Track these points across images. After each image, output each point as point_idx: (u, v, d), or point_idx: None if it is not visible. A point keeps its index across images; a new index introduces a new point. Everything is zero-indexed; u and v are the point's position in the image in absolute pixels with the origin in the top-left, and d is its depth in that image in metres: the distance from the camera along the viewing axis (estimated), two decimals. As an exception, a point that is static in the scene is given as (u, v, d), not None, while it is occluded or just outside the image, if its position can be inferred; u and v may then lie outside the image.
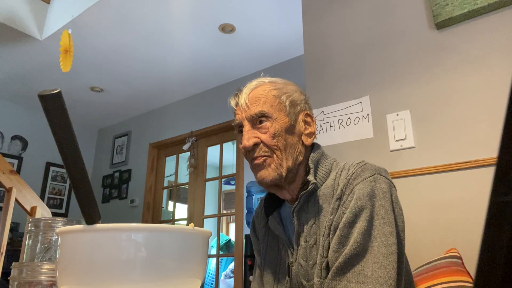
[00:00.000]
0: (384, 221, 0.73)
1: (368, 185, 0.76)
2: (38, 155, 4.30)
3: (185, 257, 0.51)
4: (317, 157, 0.86)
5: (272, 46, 3.12)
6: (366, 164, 0.80)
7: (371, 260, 0.70)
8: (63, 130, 0.47)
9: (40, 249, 0.77)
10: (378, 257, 0.70)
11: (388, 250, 0.70)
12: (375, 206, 0.74)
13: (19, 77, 3.66)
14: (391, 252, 0.70)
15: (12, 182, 2.06)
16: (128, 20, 2.78)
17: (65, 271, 0.49)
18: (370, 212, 0.73)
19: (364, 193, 0.75)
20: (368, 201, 0.74)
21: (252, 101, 0.84)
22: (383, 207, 0.74)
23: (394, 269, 0.70)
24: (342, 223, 0.75)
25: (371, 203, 0.74)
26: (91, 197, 0.50)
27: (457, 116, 1.26)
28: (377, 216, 0.73)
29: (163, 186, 4.14)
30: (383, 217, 0.73)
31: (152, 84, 3.75)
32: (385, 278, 0.68)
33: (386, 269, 0.69)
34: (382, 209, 0.74)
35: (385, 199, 0.75)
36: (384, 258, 0.70)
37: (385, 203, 0.74)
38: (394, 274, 0.69)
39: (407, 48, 1.43)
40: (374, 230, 0.72)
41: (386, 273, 0.68)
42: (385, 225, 0.72)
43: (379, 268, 0.69)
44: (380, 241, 0.71)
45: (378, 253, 0.70)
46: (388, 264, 0.69)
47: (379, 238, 0.71)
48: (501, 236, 0.17)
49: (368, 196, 0.74)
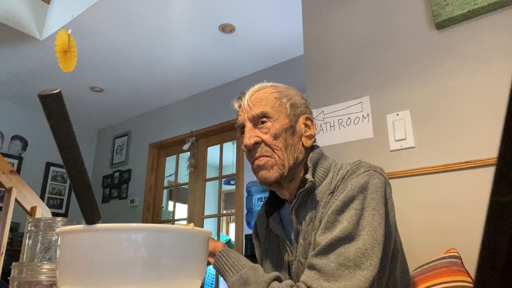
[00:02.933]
0: (374, 212, 0.74)
1: (361, 179, 0.77)
2: (38, 155, 4.30)
3: (185, 257, 0.51)
4: (316, 157, 0.88)
5: (272, 46, 3.11)
6: (362, 162, 0.83)
7: (355, 246, 0.70)
8: (63, 130, 0.47)
9: (40, 249, 0.77)
10: (363, 244, 0.70)
11: (374, 240, 0.71)
12: (366, 198, 0.75)
13: (19, 77, 3.66)
14: (377, 241, 0.71)
15: (12, 182, 2.06)
16: (128, 20, 2.78)
17: (65, 271, 0.49)
18: (361, 203, 0.75)
19: (356, 185, 0.76)
20: (360, 193, 0.76)
21: (254, 102, 0.88)
22: (375, 200, 0.75)
23: (378, 258, 0.70)
24: (330, 210, 0.76)
25: (362, 195, 0.75)
26: (91, 197, 0.50)
27: (457, 116, 1.26)
28: (368, 208, 0.74)
29: (163, 186, 4.14)
30: (373, 208, 0.74)
31: (152, 84, 3.75)
32: (367, 265, 0.68)
33: (370, 256, 0.69)
34: (373, 201, 0.75)
35: (378, 193, 0.76)
36: (370, 246, 0.70)
37: (377, 196, 0.76)
38: (378, 264, 0.69)
39: (407, 48, 1.43)
40: (363, 220, 0.73)
41: (369, 261, 0.69)
42: (375, 217, 0.74)
43: (363, 255, 0.69)
44: (368, 231, 0.72)
45: (364, 241, 0.71)
46: (372, 252, 0.70)
47: (367, 228, 0.72)
48: (501, 236, 0.17)
49: (361, 188, 0.76)
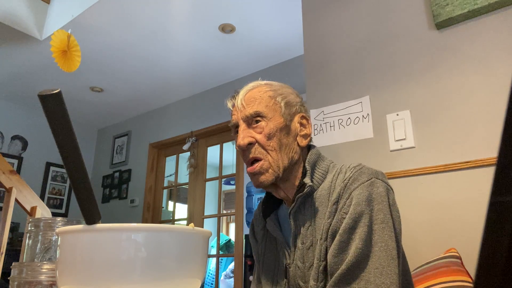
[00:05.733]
0: (383, 225, 0.74)
1: (365, 189, 0.76)
2: (38, 155, 4.30)
3: (185, 257, 0.51)
4: (313, 159, 0.87)
5: (272, 46, 3.11)
6: (363, 168, 0.81)
7: (372, 266, 0.71)
8: (63, 130, 0.47)
9: (40, 249, 0.77)
10: (380, 263, 0.71)
11: (388, 255, 0.72)
12: (373, 211, 0.75)
13: (19, 77, 3.66)
14: (392, 257, 0.72)
15: (12, 182, 2.06)
16: (128, 20, 2.78)
17: (65, 271, 0.49)
18: (369, 218, 0.74)
19: (362, 198, 0.75)
20: (367, 207, 0.75)
21: (248, 101, 0.86)
22: (382, 211, 0.75)
23: (396, 274, 0.71)
24: (341, 229, 0.75)
25: (369, 208, 0.75)
26: (91, 197, 0.50)
27: (457, 116, 1.26)
28: (376, 221, 0.74)
29: (163, 186, 4.14)
30: (382, 221, 0.74)
31: (152, 84, 3.75)
32: (387, 284, 0.69)
33: (388, 274, 0.70)
34: (380, 213, 0.75)
35: (383, 203, 0.76)
36: (386, 263, 0.71)
37: (383, 207, 0.75)
38: (396, 279, 0.70)
39: (407, 48, 1.43)
40: (374, 235, 0.73)
41: (388, 279, 0.70)
42: (384, 230, 0.74)
43: (381, 274, 0.70)
44: (380, 246, 0.72)
45: (379, 259, 0.71)
46: (389, 269, 0.71)
47: (379, 243, 0.73)
48: (501, 236, 0.17)
49: (367, 201, 0.75)
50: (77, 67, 1.17)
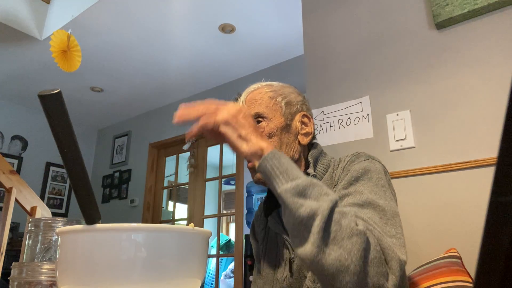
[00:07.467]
0: (384, 189, 0.74)
1: (362, 164, 0.79)
2: (38, 155, 4.30)
3: (185, 257, 0.51)
4: (316, 154, 0.89)
5: (272, 46, 3.11)
6: (360, 152, 0.84)
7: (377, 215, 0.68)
8: (63, 130, 0.47)
9: (40, 249, 0.77)
10: (384, 214, 0.68)
11: (393, 210, 0.70)
12: (372, 178, 0.75)
13: (19, 77, 3.66)
14: (396, 213, 0.70)
15: (12, 182, 2.06)
16: (128, 20, 2.78)
17: (65, 271, 0.49)
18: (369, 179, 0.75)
19: (359, 167, 0.77)
20: (364, 174, 0.76)
21: (249, 103, 0.88)
22: (381, 179, 0.76)
23: (401, 227, 0.68)
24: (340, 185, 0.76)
25: (367, 176, 0.76)
26: (91, 197, 0.50)
27: (457, 116, 1.26)
28: (378, 184, 0.74)
29: (163, 186, 4.14)
30: (383, 185, 0.74)
31: (152, 84, 3.75)
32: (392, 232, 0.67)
33: (393, 225, 0.68)
34: (380, 180, 0.75)
35: (380, 174, 0.77)
36: (390, 216, 0.69)
37: (382, 177, 0.76)
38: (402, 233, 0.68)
39: (407, 48, 1.43)
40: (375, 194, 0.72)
41: (394, 229, 0.67)
42: (386, 192, 0.73)
43: (386, 223, 0.67)
44: (385, 202, 0.71)
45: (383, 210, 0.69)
46: (394, 221, 0.68)
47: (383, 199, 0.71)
48: (501, 236, 0.17)
49: (364, 170, 0.77)
50: (77, 67, 1.17)
